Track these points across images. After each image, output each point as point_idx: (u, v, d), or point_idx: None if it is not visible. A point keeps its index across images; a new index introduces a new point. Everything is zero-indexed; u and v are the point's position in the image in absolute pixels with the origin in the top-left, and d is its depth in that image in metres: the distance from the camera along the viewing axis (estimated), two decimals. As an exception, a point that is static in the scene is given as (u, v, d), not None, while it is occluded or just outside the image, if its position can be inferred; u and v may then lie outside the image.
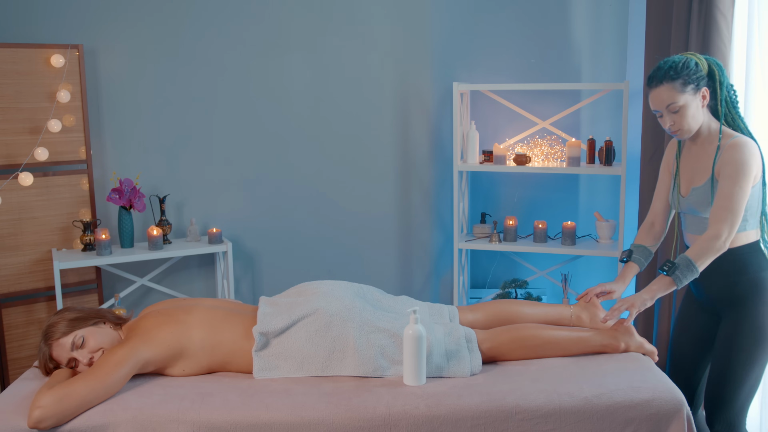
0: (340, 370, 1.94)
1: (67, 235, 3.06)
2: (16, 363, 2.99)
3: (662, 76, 1.98)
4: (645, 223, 2.28)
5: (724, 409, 2.02)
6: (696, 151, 2.08)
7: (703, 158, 2.05)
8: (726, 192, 1.94)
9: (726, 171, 1.95)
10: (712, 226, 1.95)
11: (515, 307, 2.24)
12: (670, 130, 2.03)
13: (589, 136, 3.29)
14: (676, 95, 1.96)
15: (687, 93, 1.97)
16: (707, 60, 2.02)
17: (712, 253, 1.94)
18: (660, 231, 2.26)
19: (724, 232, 1.92)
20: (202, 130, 3.28)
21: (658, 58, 2.32)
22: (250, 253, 3.44)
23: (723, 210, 1.93)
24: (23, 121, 2.90)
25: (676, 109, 1.97)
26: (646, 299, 1.99)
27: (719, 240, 1.93)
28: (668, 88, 1.97)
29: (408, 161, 3.56)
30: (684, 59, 1.99)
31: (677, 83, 1.96)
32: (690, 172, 2.10)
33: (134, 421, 1.71)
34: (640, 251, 2.24)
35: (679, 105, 1.96)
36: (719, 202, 1.95)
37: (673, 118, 1.99)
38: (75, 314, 2.00)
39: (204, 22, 3.21)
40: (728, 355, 2.00)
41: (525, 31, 3.49)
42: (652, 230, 2.26)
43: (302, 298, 2.08)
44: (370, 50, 3.43)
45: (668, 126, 2.02)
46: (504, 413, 1.75)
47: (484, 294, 3.60)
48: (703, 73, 1.99)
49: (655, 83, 2.00)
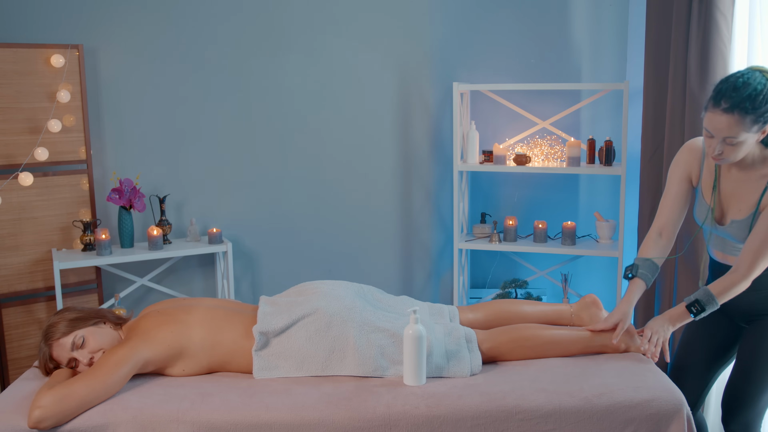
0: (340, 369, 1.94)
1: (67, 235, 3.06)
2: (16, 363, 2.99)
3: (735, 105, 1.71)
4: (651, 233, 2.05)
5: (742, 411, 1.98)
6: (738, 177, 1.89)
7: (746, 187, 1.87)
8: (764, 234, 1.80)
9: None
10: (742, 267, 1.84)
11: (515, 307, 2.24)
12: (713, 154, 1.80)
13: (589, 136, 3.29)
14: (739, 132, 1.73)
15: (752, 132, 1.74)
16: None
17: (738, 291, 1.87)
18: (668, 243, 2.03)
19: (752, 275, 1.83)
20: (202, 130, 3.28)
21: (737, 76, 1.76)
22: (250, 253, 3.44)
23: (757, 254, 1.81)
24: (23, 121, 2.90)
25: (732, 143, 1.75)
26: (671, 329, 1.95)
27: (747, 281, 1.85)
28: (735, 120, 1.72)
29: (408, 161, 3.56)
30: (764, 87, 1.71)
31: (747, 119, 1.71)
32: (730, 198, 1.92)
33: (134, 421, 1.71)
34: (647, 266, 2.00)
35: (738, 141, 1.74)
36: (755, 244, 1.81)
37: (724, 147, 1.77)
38: (75, 314, 2.00)
39: (204, 22, 3.21)
40: (753, 358, 1.95)
41: (525, 31, 3.49)
42: (659, 242, 2.03)
43: (302, 297, 2.08)
44: (370, 50, 3.43)
45: (715, 152, 1.79)
46: (504, 413, 1.75)
47: (484, 294, 3.60)
48: None
49: (723, 107, 1.73)
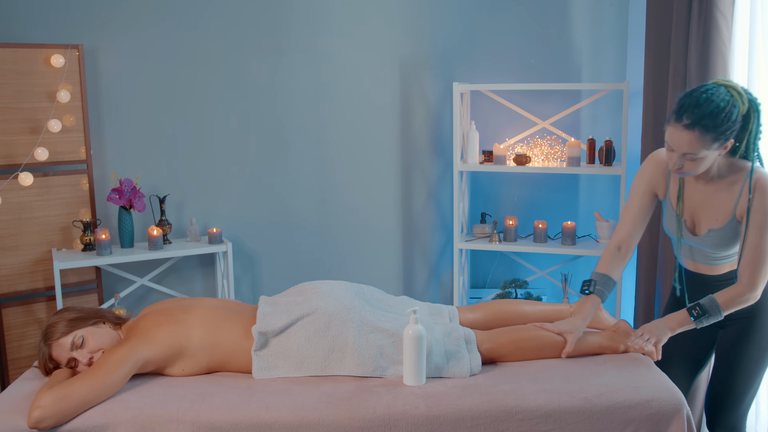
0: (339, 369, 1.94)
1: (67, 235, 3.06)
2: (16, 363, 2.99)
3: (696, 122, 1.71)
4: (609, 246, 2.03)
5: (726, 415, 2.01)
6: (706, 188, 1.91)
7: (718, 196, 1.89)
8: (757, 242, 1.81)
9: (757, 220, 1.81)
10: (747, 279, 1.84)
11: (515, 307, 2.24)
12: (673, 168, 1.82)
13: (589, 136, 3.29)
14: (699, 149, 1.74)
15: (712, 149, 1.75)
16: (749, 100, 1.78)
17: (744, 305, 1.87)
18: (626, 255, 2.03)
19: (759, 286, 1.84)
20: (202, 130, 3.28)
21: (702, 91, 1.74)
22: (250, 253, 3.44)
23: (756, 264, 1.82)
24: (23, 121, 2.90)
25: (692, 158, 1.77)
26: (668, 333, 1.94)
27: (754, 293, 1.85)
28: (696, 137, 1.72)
29: (408, 161, 3.56)
30: (727, 105, 1.72)
31: (708, 137, 1.72)
32: (703, 209, 1.93)
33: (134, 421, 1.71)
34: (604, 282, 2.00)
35: (698, 157, 1.76)
36: (750, 253, 1.83)
37: (684, 162, 1.79)
38: (75, 314, 2.00)
39: (204, 22, 3.21)
40: (733, 364, 1.98)
41: (525, 31, 3.49)
42: (617, 255, 2.02)
43: (302, 297, 2.08)
44: (370, 50, 3.43)
45: (676, 167, 1.81)
46: (504, 413, 1.75)
47: (484, 294, 3.60)
48: (739, 123, 1.75)
49: (684, 123, 1.73)
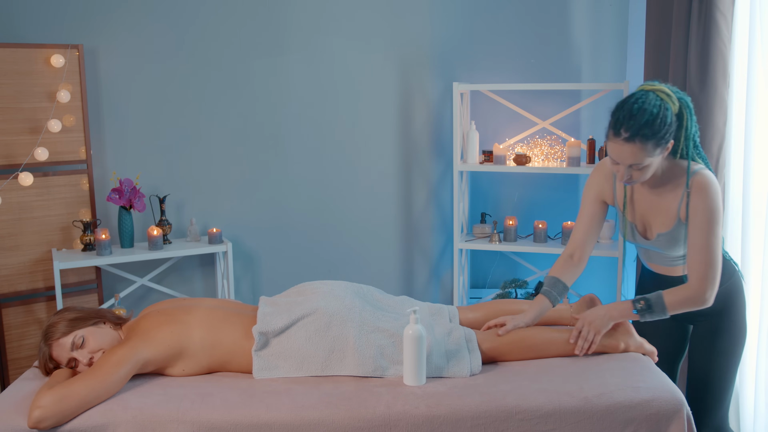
0: (339, 369, 1.94)
1: (67, 235, 3.06)
2: (16, 363, 2.99)
3: (635, 134, 1.72)
4: (563, 254, 2.05)
5: (709, 416, 2.02)
6: (651, 192, 1.92)
7: (663, 199, 1.90)
8: (700, 243, 1.81)
9: (697, 221, 1.81)
10: (695, 282, 1.83)
11: (515, 307, 2.23)
12: (621, 180, 1.82)
13: (589, 136, 3.29)
14: (644, 158, 1.75)
15: (655, 155, 1.76)
16: (678, 99, 1.79)
17: (694, 308, 1.85)
18: (579, 263, 2.04)
19: (708, 288, 1.82)
20: (201, 130, 3.28)
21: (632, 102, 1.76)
22: (250, 253, 3.44)
23: (703, 265, 1.81)
24: (23, 121, 2.90)
25: (639, 168, 1.77)
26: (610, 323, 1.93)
27: (704, 296, 1.83)
28: (638, 148, 1.73)
29: (408, 161, 3.56)
30: (659, 110, 1.73)
31: (649, 144, 1.73)
32: (650, 213, 1.94)
33: (134, 421, 1.71)
34: (553, 284, 2.01)
35: (644, 165, 1.77)
36: (696, 255, 1.82)
37: (633, 172, 1.79)
38: (75, 314, 2.00)
39: (204, 22, 3.21)
40: (708, 364, 1.99)
41: (525, 31, 3.49)
42: (570, 262, 2.03)
43: (302, 297, 2.08)
44: (370, 50, 3.43)
45: (624, 179, 1.81)
46: (504, 413, 1.75)
47: (484, 294, 3.60)
48: (674, 123, 1.77)
49: (624, 137, 1.73)
